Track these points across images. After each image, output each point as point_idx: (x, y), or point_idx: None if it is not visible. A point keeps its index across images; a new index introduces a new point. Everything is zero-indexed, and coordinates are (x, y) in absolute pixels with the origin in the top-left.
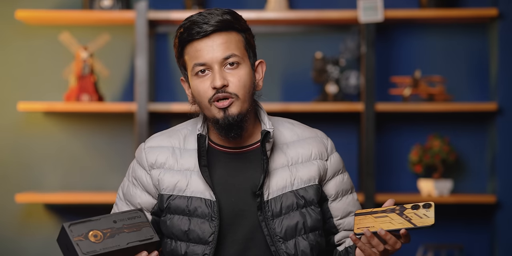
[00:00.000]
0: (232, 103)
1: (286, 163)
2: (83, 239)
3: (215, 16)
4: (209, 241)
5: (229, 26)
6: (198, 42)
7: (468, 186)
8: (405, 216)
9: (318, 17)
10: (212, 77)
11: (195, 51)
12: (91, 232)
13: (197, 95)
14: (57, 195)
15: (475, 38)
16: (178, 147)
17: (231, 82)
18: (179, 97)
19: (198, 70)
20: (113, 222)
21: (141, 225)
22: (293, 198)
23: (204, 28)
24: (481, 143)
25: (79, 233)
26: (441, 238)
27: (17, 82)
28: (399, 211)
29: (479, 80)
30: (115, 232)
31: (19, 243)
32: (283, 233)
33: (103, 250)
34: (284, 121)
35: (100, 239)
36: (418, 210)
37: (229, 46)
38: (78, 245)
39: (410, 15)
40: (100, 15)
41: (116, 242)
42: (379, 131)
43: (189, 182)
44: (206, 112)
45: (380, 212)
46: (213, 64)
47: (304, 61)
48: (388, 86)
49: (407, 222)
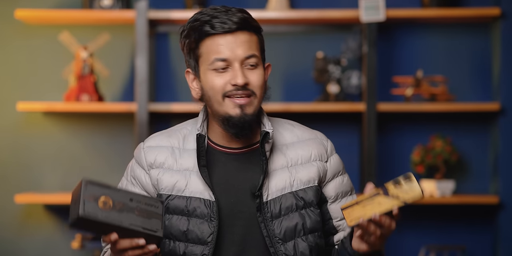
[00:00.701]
0: (250, 101)
1: (286, 164)
2: (92, 200)
3: (236, 13)
4: (208, 241)
5: (250, 26)
6: (221, 37)
7: (470, 186)
8: (391, 195)
9: (319, 16)
10: (232, 74)
11: (217, 45)
12: (103, 198)
13: (210, 88)
14: (56, 195)
15: (478, 38)
16: (177, 147)
17: (252, 80)
18: (180, 97)
19: (219, 66)
20: (129, 200)
21: (153, 215)
22: (292, 199)
23: (229, 24)
24: (483, 143)
25: (92, 194)
26: (443, 239)
27: (17, 82)
28: (383, 193)
29: (481, 80)
30: (125, 209)
31: (18, 244)
32: (282, 235)
33: (103, 219)
34: (284, 122)
35: (108, 208)
36: (401, 185)
37: (251, 46)
38: (84, 203)
39: (412, 15)
40: (100, 15)
41: (120, 218)
42: (381, 131)
43: (188, 182)
44: (216, 108)
45: (365, 200)
46: (234, 61)
47: (305, 61)
48: (390, 86)
49: (396, 200)
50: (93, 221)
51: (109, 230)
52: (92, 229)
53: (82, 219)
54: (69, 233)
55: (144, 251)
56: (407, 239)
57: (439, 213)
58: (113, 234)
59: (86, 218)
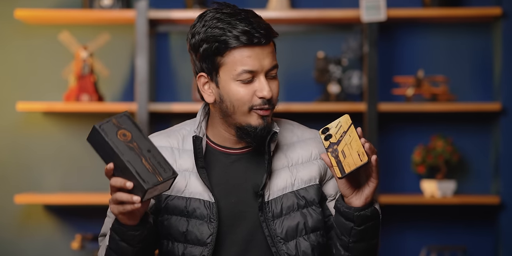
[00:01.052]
0: (270, 112)
1: (287, 164)
2: (115, 126)
3: (257, 21)
4: (207, 242)
5: (272, 35)
6: (249, 49)
7: (471, 187)
8: (340, 137)
9: (320, 16)
10: (259, 86)
11: (244, 56)
12: (126, 132)
13: (236, 100)
14: (56, 196)
15: (479, 38)
16: (176, 148)
17: (274, 92)
18: (180, 97)
19: (245, 77)
20: (147, 151)
21: (156, 173)
22: (293, 199)
23: (258, 37)
24: (484, 143)
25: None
26: (444, 240)
27: (16, 82)
28: (336, 144)
29: (482, 80)
30: (136, 150)
31: (18, 245)
32: (284, 234)
33: (110, 141)
34: (284, 122)
35: (122, 139)
36: (331, 133)
37: (274, 56)
38: (107, 122)
39: (413, 14)
40: (100, 14)
41: (124, 151)
42: (382, 131)
43: (188, 183)
44: (238, 117)
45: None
46: (260, 73)
47: (306, 60)
48: (390, 86)
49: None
50: (102, 137)
51: (110, 158)
52: (99, 149)
53: (95, 131)
54: (69, 233)
55: (129, 200)
56: (408, 239)
57: (440, 213)
58: (110, 163)
59: (98, 131)
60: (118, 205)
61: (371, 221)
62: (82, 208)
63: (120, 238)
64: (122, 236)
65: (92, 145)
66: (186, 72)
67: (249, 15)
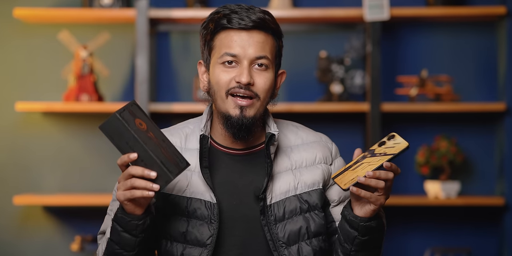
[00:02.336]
0: (251, 104)
1: (290, 166)
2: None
3: (257, 12)
4: (207, 243)
5: (268, 27)
6: (236, 33)
7: (476, 188)
8: (378, 153)
9: (322, 15)
10: (238, 71)
11: (230, 40)
12: (141, 121)
13: (216, 83)
14: (56, 197)
15: (483, 37)
16: (179, 146)
17: (257, 82)
18: (181, 97)
19: (226, 60)
20: (162, 140)
21: (174, 162)
22: (296, 203)
23: (246, 21)
24: (489, 144)
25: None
26: (448, 241)
27: (15, 82)
28: (370, 154)
29: (487, 79)
30: (154, 140)
31: (17, 246)
32: (286, 238)
33: (132, 131)
34: (289, 124)
35: (141, 129)
36: (386, 144)
37: (264, 47)
38: (124, 110)
39: (416, 13)
40: (100, 14)
41: (146, 141)
42: (385, 131)
43: (189, 183)
44: (219, 104)
45: (354, 164)
46: (243, 59)
47: (308, 60)
48: (394, 85)
49: (384, 156)
50: (124, 127)
51: (130, 147)
52: (116, 138)
53: (116, 120)
54: (68, 235)
55: (147, 186)
56: (411, 241)
57: (444, 214)
58: (133, 153)
59: (120, 120)
60: (127, 191)
61: (376, 233)
62: (82, 209)
63: (123, 229)
64: (125, 227)
65: (106, 134)
66: (187, 71)
67: (255, 8)
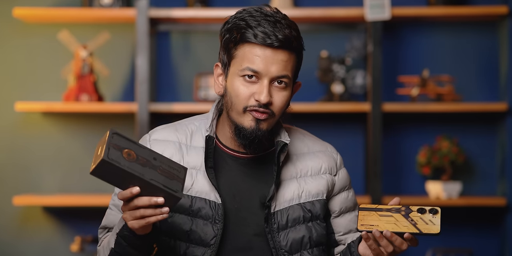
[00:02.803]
0: (267, 118)
1: (295, 175)
2: (117, 149)
3: (284, 28)
4: (210, 244)
5: (292, 46)
6: (261, 48)
7: (477, 188)
8: (411, 219)
9: (323, 15)
10: (259, 89)
11: (253, 55)
12: (127, 150)
13: (235, 96)
14: (55, 197)
15: (485, 37)
16: (184, 143)
17: (275, 101)
18: (181, 97)
19: (247, 74)
20: (153, 158)
21: (174, 177)
22: (300, 211)
23: (273, 39)
24: (490, 144)
25: (117, 144)
26: (449, 242)
27: (15, 82)
28: (404, 213)
29: (488, 79)
30: (148, 165)
31: (16, 247)
32: (288, 247)
33: (126, 168)
34: (295, 131)
35: (131, 160)
36: (424, 215)
37: (286, 66)
38: (109, 149)
39: (418, 13)
40: (100, 13)
41: (142, 171)
42: (386, 132)
43: (194, 182)
44: (233, 115)
45: (385, 210)
46: (265, 77)
47: (309, 60)
48: (395, 85)
49: (412, 226)
50: (115, 167)
51: (128, 182)
52: (112, 178)
53: (106, 164)
54: (68, 235)
55: (156, 212)
56: None
57: (445, 215)
58: (135, 187)
59: (110, 163)
60: (140, 220)
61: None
62: (82, 210)
63: (128, 244)
64: (131, 244)
65: (100, 177)
66: (188, 71)
67: (281, 20)
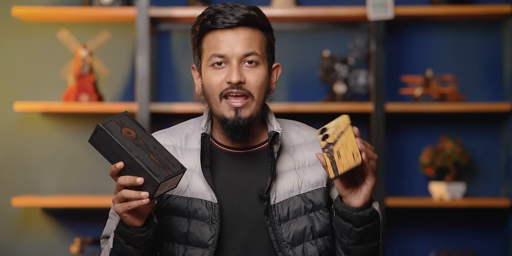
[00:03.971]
0: (246, 104)
1: (293, 166)
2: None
3: (241, 9)
4: (208, 244)
5: (254, 23)
6: (221, 33)
7: (481, 189)
8: (337, 137)
9: (325, 14)
10: (228, 71)
11: (216, 41)
12: (129, 129)
13: (208, 87)
14: (55, 198)
15: (489, 36)
16: (179, 147)
17: (249, 79)
18: (182, 97)
19: (215, 62)
20: (153, 147)
21: (165, 167)
22: (300, 202)
23: (230, 19)
24: (495, 144)
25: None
26: (453, 244)
27: (14, 82)
28: (332, 145)
29: (492, 79)
30: (142, 146)
31: (15, 249)
32: (290, 239)
33: (117, 139)
34: (290, 123)
35: (128, 137)
36: (328, 133)
37: (252, 43)
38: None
39: (421, 12)
40: (99, 12)
41: (132, 148)
42: (389, 132)
43: (190, 183)
44: (214, 108)
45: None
46: (232, 58)
47: (311, 59)
48: (398, 85)
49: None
50: (108, 136)
51: (117, 156)
52: (105, 150)
53: (99, 131)
54: (68, 237)
55: (136, 195)
56: (416, 243)
57: (449, 216)
58: (119, 162)
59: (103, 130)
60: (124, 203)
61: (370, 222)
62: (82, 211)
63: (125, 241)
64: (127, 239)
65: (95, 146)
66: (188, 71)
67: (240, 5)
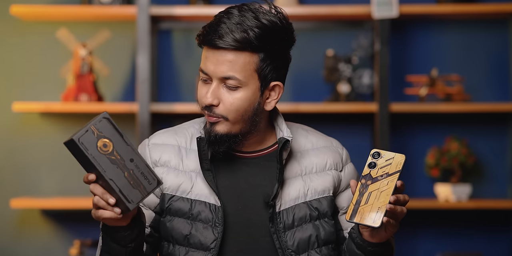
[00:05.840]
0: (219, 122)
1: (300, 172)
2: (95, 135)
3: (238, 31)
4: (210, 247)
5: (244, 47)
6: (207, 49)
7: (487, 190)
8: (380, 176)
9: (329, 12)
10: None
11: (205, 56)
12: (106, 141)
13: (197, 97)
14: (54, 200)
15: (495, 35)
16: (184, 147)
17: (222, 103)
18: (183, 97)
19: (202, 76)
20: (130, 160)
21: (140, 187)
22: (306, 210)
23: (218, 42)
24: (501, 145)
25: (100, 130)
26: (459, 246)
27: (12, 82)
28: (371, 181)
29: (498, 79)
30: (118, 163)
31: (14, 251)
32: (295, 247)
33: (90, 157)
34: (298, 128)
35: (103, 152)
36: (378, 163)
37: (232, 67)
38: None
39: (426, 11)
40: (99, 11)
41: (107, 167)
42: (394, 132)
43: (193, 185)
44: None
45: (360, 197)
46: (214, 78)
47: (314, 59)
48: (403, 85)
49: (388, 176)
50: (81, 151)
51: (91, 168)
52: (78, 158)
53: (73, 144)
54: (67, 239)
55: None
56: (421, 245)
57: (455, 218)
58: (91, 174)
59: (77, 145)
60: (97, 210)
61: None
62: (81, 213)
63: (110, 238)
64: (112, 237)
65: (70, 151)
66: (189, 71)
67: (245, 21)
